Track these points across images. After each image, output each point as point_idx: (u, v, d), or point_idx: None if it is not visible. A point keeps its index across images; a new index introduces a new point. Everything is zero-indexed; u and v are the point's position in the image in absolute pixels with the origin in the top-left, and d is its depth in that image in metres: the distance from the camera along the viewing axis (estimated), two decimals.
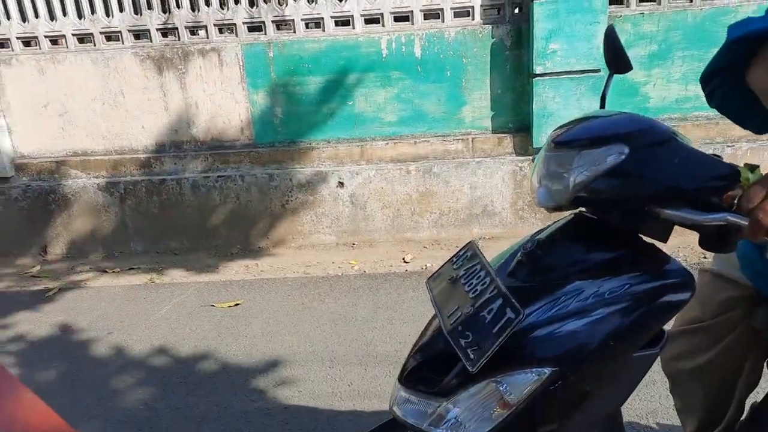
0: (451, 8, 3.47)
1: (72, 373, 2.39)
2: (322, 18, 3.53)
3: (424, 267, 3.31)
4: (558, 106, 3.37)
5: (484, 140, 3.60)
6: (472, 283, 0.89)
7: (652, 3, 3.38)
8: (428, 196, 3.64)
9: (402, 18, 3.53)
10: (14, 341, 2.72)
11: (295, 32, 3.56)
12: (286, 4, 3.53)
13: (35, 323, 2.90)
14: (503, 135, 3.60)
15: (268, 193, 3.71)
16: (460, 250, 1.02)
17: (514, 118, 3.61)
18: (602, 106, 1.14)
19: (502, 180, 3.57)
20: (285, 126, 3.73)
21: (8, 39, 3.64)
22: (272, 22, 3.56)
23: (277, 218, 3.76)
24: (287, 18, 3.54)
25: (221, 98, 3.69)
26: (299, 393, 2.14)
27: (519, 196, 3.58)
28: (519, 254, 0.95)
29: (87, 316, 2.95)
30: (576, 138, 0.90)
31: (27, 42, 3.67)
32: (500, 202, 3.61)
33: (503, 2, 3.46)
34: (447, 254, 3.49)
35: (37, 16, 3.60)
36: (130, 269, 3.61)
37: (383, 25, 3.52)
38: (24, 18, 3.62)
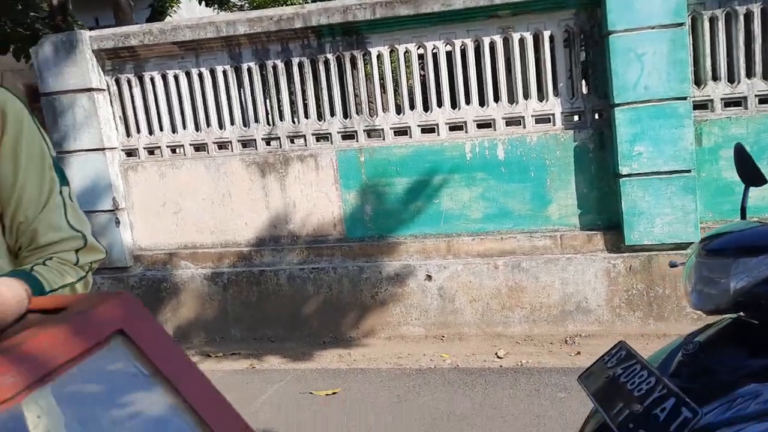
0: (532, 116, 3.67)
1: None
2: (409, 126, 3.83)
3: (519, 363, 3.26)
4: (648, 205, 3.39)
5: (573, 237, 3.63)
6: (634, 382, 0.94)
7: (738, 108, 3.44)
8: (518, 291, 3.65)
9: (484, 125, 3.76)
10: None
11: (384, 139, 3.87)
12: (377, 115, 3.87)
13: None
14: (592, 232, 3.62)
15: (358, 285, 3.86)
16: (612, 350, 1.08)
17: (603, 216, 3.65)
18: (743, 216, 1.21)
19: (594, 277, 3.54)
20: (374, 222, 3.94)
21: (136, 149, 4.19)
22: (363, 130, 3.89)
23: (366, 309, 3.87)
24: (377, 127, 3.87)
25: (316, 198, 3.99)
26: None
27: (615, 293, 3.52)
28: (680, 355, 1.00)
29: None
30: (730, 246, 0.98)
31: (151, 151, 4.20)
32: (595, 299, 3.56)
33: (583, 109, 3.63)
34: (542, 351, 3.43)
35: (161, 129, 4.14)
36: (231, 354, 3.79)
37: (466, 132, 3.76)
38: (151, 131, 4.17)
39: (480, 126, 3.76)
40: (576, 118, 3.66)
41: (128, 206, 4.22)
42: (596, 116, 3.64)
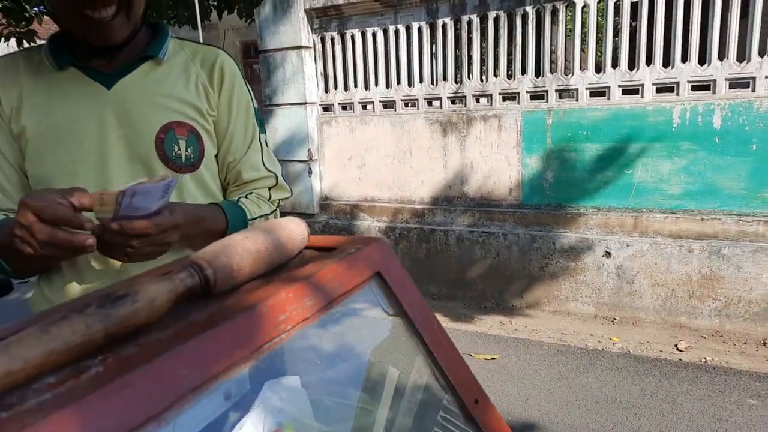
0: (766, 77, 3.11)
1: None
2: (608, 87, 3.53)
3: (702, 360, 2.94)
4: None
5: None
6: None
7: None
8: (713, 281, 3.25)
9: (701, 87, 3.30)
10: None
11: (577, 100, 3.63)
12: (572, 74, 3.63)
13: None
14: None
15: (528, 254, 3.78)
16: None
17: None
18: None
19: None
20: (553, 190, 3.78)
21: (332, 104, 4.55)
22: (555, 90, 3.69)
23: (534, 280, 3.80)
24: (571, 87, 3.64)
25: (495, 160, 3.95)
26: None
27: None
28: None
29: None
30: None
31: (344, 106, 4.53)
32: None
33: None
34: (732, 350, 3.05)
35: (356, 86, 4.42)
36: None
37: (677, 94, 3.34)
38: (346, 87, 4.48)
39: (695, 88, 3.31)
40: None
41: (320, 158, 4.65)
42: None
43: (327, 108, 4.60)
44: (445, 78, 4.08)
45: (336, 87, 4.51)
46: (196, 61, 1.07)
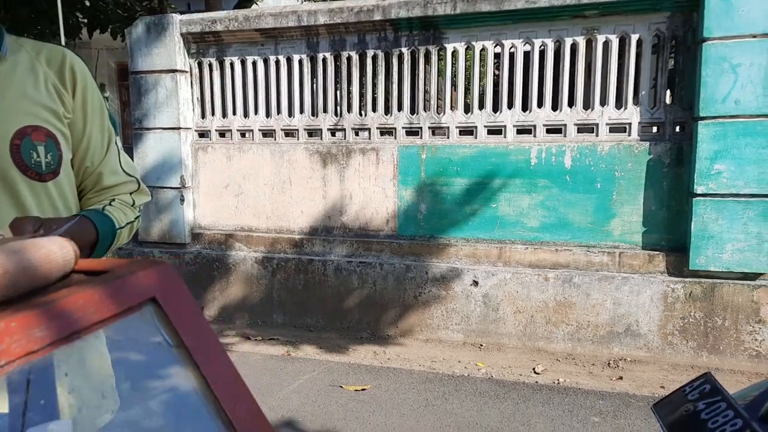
0: (607, 123, 3.53)
1: None
2: (476, 126, 3.78)
3: (556, 381, 3.16)
4: (721, 228, 3.19)
5: (633, 256, 3.47)
6: (717, 421, 0.86)
7: None
8: (566, 307, 3.54)
9: (554, 130, 3.66)
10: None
11: (448, 138, 3.85)
12: (444, 113, 3.85)
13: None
14: (655, 252, 3.44)
15: (403, 283, 3.86)
16: (695, 381, 0.98)
17: (668, 237, 3.46)
18: None
19: (650, 300, 3.37)
20: (427, 221, 3.93)
21: (209, 131, 4.38)
22: (429, 128, 3.88)
23: (408, 308, 3.87)
24: (443, 125, 3.85)
25: (373, 192, 4.02)
26: None
27: (669, 319, 3.34)
28: None
29: None
30: None
31: (222, 134, 4.38)
32: (647, 324, 3.39)
33: (663, 120, 3.45)
34: (582, 371, 3.31)
35: (234, 113, 4.31)
36: (270, 339, 3.90)
37: (534, 136, 3.67)
38: (224, 114, 4.35)
39: (550, 131, 3.66)
40: (654, 129, 3.50)
41: (194, 185, 4.43)
42: (677, 129, 3.45)
43: (203, 134, 4.41)
44: (325, 110, 4.12)
45: (213, 113, 4.36)
46: (41, 60, 0.96)
